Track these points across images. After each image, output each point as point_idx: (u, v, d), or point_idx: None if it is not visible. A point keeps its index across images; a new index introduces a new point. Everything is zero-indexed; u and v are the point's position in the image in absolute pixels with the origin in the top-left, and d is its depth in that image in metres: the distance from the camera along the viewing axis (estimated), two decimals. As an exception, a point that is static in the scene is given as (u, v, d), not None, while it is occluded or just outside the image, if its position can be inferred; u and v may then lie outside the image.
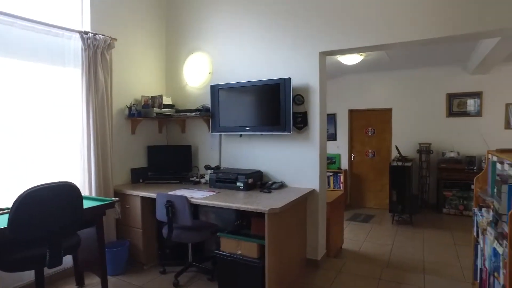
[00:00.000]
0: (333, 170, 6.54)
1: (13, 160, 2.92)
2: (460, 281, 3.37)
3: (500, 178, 2.18)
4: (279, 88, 3.42)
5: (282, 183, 3.56)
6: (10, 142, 2.90)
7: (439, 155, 6.05)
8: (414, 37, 3.04)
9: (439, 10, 2.94)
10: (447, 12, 2.92)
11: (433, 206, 6.17)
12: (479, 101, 5.87)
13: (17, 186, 2.88)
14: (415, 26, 3.02)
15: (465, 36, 2.95)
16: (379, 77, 6.56)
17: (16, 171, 2.94)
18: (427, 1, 2.98)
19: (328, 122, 6.85)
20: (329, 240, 3.79)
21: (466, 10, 2.85)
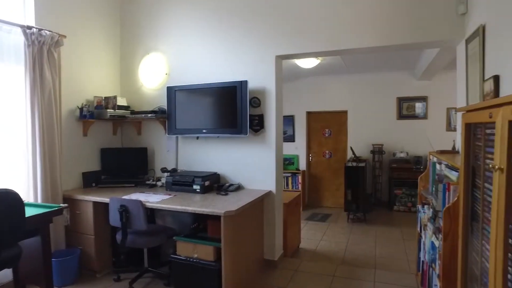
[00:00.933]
0: (291, 171, 6.68)
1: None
2: (407, 273, 3.59)
3: (438, 177, 2.36)
4: (235, 90, 3.44)
5: (239, 185, 3.59)
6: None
7: (391, 155, 6.39)
8: (364, 44, 3.21)
9: (387, 22, 3.13)
10: (393, 23, 3.11)
11: (385, 204, 6.51)
12: (425, 105, 6.29)
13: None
14: (366, 34, 3.19)
15: (409, 45, 3.17)
16: (335, 81, 6.80)
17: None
18: (377, 12, 3.16)
19: (286, 123, 7.06)
20: (286, 240, 3.87)
21: (409, 23, 3.07)
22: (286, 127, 7.08)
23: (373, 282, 3.32)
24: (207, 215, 2.85)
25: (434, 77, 6.03)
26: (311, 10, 3.36)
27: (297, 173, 6.64)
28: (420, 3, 3.03)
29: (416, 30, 3.06)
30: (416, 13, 3.05)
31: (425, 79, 6.15)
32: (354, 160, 5.76)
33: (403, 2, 3.08)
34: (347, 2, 3.24)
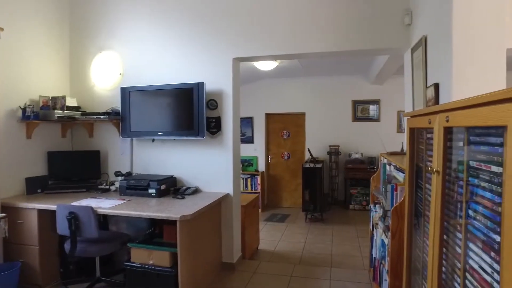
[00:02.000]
0: (250, 172, 6.71)
1: None
2: (361, 269, 3.75)
3: (387, 178, 2.48)
4: (192, 92, 3.39)
5: (196, 188, 3.53)
6: None
7: (346, 156, 6.64)
8: (320, 49, 3.30)
9: (341, 29, 3.25)
10: (347, 30, 3.24)
11: (342, 203, 6.74)
12: (378, 108, 6.61)
13: None
14: (322, 40, 3.29)
15: (361, 51, 3.32)
16: (293, 83, 6.93)
17: None
18: (332, 19, 3.26)
19: (245, 125, 7.08)
20: (245, 243, 3.88)
21: (361, 30, 3.21)
22: (245, 129, 7.10)
23: (329, 280, 3.41)
24: (163, 220, 2.77)
25: (386, 81, 6.35)
26: (269, 14, 3.40)
27: (256, 174, 6.68)
28: (371, 12, 3.18)
29: (367, 38, 3.21)
30: (368, 22, 3.19)
31: (377, 83, 6.46)
32: (312, 161, 5.91)
33: (356, 11, 3.22)
34: (304, 8, 3.32)
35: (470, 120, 0.99)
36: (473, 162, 1.07)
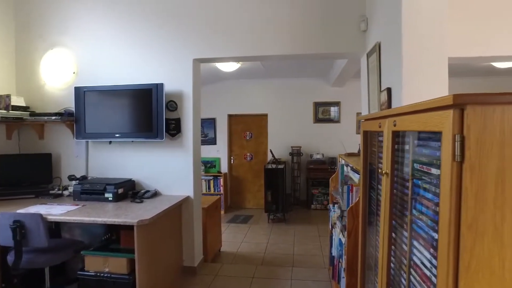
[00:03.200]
0: (213, 174, 6.66)
1: None
2: (321, 268, 3.84)
3: (344, 179, 2.56)
4: (151, 93, 3.29)
5: (155, 192, 3.44)
6: None
7: (308, 157, 6.78)
8: (281, 51, 3.35)
9: (302, 32, 3.32)
10: (307, 34, 3.31)
11: (304, 203, 6.87)
12: (338, 109, 6.82)
13: None
14: (282, 43, 3.33)
15: (320, 55, 3.40)
16: (256, 84, 6.97)
17: None
18: (293, 23, 3.32)
19: (207, 126, 7.02)
20: (206, 245, 3.83)
21: (321, 35, 3.30)
22: (207, 130, 7.04)
23: (290, 279, 3.46)
24: (120, 225, 2.67)
25: (345, 84, 6.57)
26: (230, 16, 3.39)
27: (219, 176, 6.64)
28: (330, 18, 3.28)
29: (326, 42, 3.30)
30: (326, 26, 3.28)
31: (337, 86, 6.67)
32: (274, 162, 5.97)
33: (315, 16, 3.30)
34: (265, 11, 3.35)
35: (413, 125, 1.04)
36: (417, 165, 1.14)
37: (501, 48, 2.93)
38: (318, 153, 6.67)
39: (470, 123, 0.76)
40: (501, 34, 2.90)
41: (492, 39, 2.90)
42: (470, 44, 2.91)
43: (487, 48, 2.93)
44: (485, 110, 0.76)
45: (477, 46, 2.91)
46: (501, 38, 2.90)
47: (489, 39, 2.91)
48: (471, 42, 2.90)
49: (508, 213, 0.77)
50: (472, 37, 2.89)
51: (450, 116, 0.78)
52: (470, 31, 2.88)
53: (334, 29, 3.28)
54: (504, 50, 2.94)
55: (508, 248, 0.78)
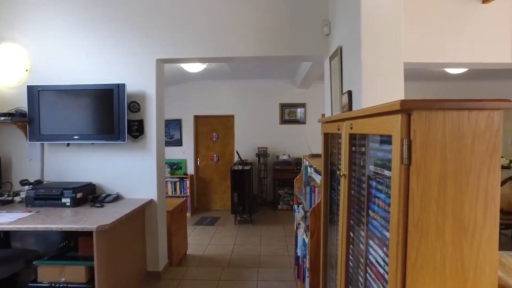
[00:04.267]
0: (179, 176, 6.55)
1: None
2: (287, 267, 3.88)
3: (307, 180, 2.61)
4: (112, 94, 3.18)
5: (117, 195, 3.32)
6: None
7: (275, 157, 6.84)
8: (246, 53, 3.35)
9: (267, 35, 3.34)
10: (272, 37, 3.33)
11: (270, 204, 6.93)
12: (304, 111, 6.94)
13: None
14: (247, 44, 3.33)
15: (285, 57, 3.44)
16: (222, 85, 6.94)
17: None
18: (258, 25, 3.33)
19: (173, 127, 6.90)
20: (171, 249, 3.76)
21: (286, 37, 3.34)
22: (173, 131, 6.91)
23: (256, 281, 3.47)
24: (78, 232, 2.55)
25: (311, 86, 6.70)
26: (195, 17, 3.35)
27: (185, 177, 6.54)
28: (294, 21, 3.32)
29: (291, 45, 3.34)
30: (291, 29, 3.33)
31: (303, 88, 6.79)
32: (240, 164, 5.97)
33: (280, 19, 3.33)
34: (231, 13, 3.34)
35: (367, 128, 1.08)
36: (372, 167, 1.18)
37: (454, 55, 3.12)
38: (284, 154, 6.75)
39: (416, 128, 0.80)
40: (454, 43, 3.08)
41: (445, 47, 3.08)
42: (426, 51, 3.06)
43: (441, 55, 3.10)
44: (429, 115, 0.80)
45: (432, 54, 3.08)
46: (454, 46, 3.09)
47: (443, 47, 3.08)
48: (427, 50, 3.06)
49: (449, 213, 0.82)
50: (428, 45, 3.04)
51: (398, 121, 0.82)
52: (426, 39, 3.04)
53: (299, 32, 3.33)
54: (456, 58, 3.13)
55: (449, 245, 0.83)
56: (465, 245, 0.83)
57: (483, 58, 3.16)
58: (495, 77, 6.52)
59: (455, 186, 0.82)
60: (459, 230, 0.83)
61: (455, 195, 0.82)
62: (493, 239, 0.83)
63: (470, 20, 3.10)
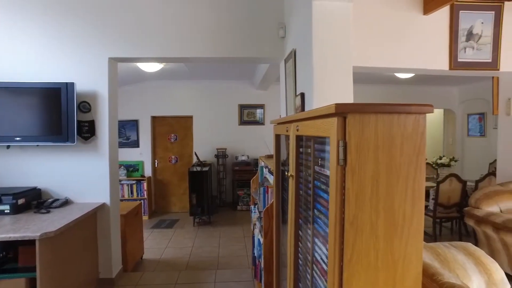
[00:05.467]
0: (136, 178, 6.35)
1: None
2: (245, 268, 3.91)
3: (262, 180, 2.65)
4: (60, 93, 3.01)
5: (66, 200, 3.15)
6: None
7: (234, 158, 6.85)
8: (202, 54, 3.32)
9: (223, 36, 3.34)
10: (229, 38, 3.34)
11: (230, 204, 6.92)
12: (263, 112, 7.02)
13: None
14: (204, 45, 3.31)
15: (242, 59, 3.47)
16: (181, 86, 6.83)
17: None
18: (215, 27, 3.31)
19: (130, 128, 6.68)
20: (126, 254, 3.63)
21: (242, 39, 3.36)
22: (129, 132, 6.69)
23: (213, 282, 3.45)
24: (19, 241, 2.38)
25: (269, 87, 6.79)
26: (150, 15, 3.26)
27: (142, 180, 6.36)
28: (252, 23, 3.35)
29: (247, 47, 3.36)
30: (248, 31, 3.35)
31: (262, 89, 6.86)
32: (199, 165, 5.91)
33: (237, 20, 3.34)
34: (187, 13, 3.29)
35: (310, 130, 1.12)
36: (317, 167, 1.22)
37: (400, 62, 3.32)
38: (243, 155, 6.78)
39: (351, 130, 0.85)
40: (401, 50, 3.28)
41: (393, 53, 3.27)
42: (376, 57, 3.22)
43: (389, 61, 3.28)
44: (363, 118, 0.85)
45: (382, 59, 3.25)
46: (400, 53, 3.28)
47: (391, 54, 3.26)
48: (377, 55, 3.22)
49: (381, 210, 0.88)
50: (378, 51, 3.21)
51: (335, 124, 0.86)
52: (376, 45, 3.19)
53: (255, 34, 3.37)
54: (402, 64, 3.33)
55: (381, 241, 0.88)
56: (395, 239, 0.89)
57: (425, 65, 3.39)
58: (440, 83, 7.02)
59: (386, 185, 0.88)
60: (390, 226, 0.89)
61: (386, 193, 0.88)
62: (419, 232, 0.90)
63: (413, 29, 3.31)
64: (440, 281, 1.31)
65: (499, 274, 1.94)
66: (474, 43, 3.47)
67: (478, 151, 7.09)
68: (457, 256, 2.09)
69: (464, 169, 7.40)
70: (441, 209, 4.47)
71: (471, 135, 7.34)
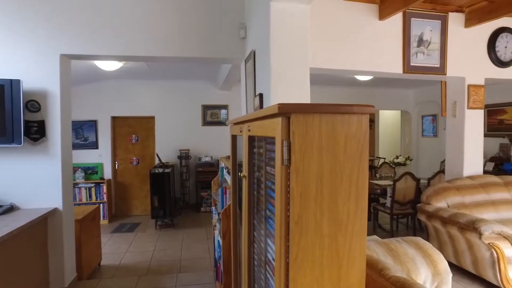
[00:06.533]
0: (95, 181, 6.09)
1: None
2: (208, 270, 3.86)
3: (221, 181, 2.63)
4: (3, 90, 2.81)
5: (11, 206, 2.94)
6: None
7: (197, 159, 6.76)
8: (161, 53, 3.25)
9: (183, 36, 3.29)
10: (189, 38, 3.29)
11: (193, 206, 6.82)
12: (227, 112, 6.99)
13: None
14: (163, 44, 3.23)
15: (202, 59, 3.42)
16: (142, 85, 6.63)
17: None
18: (174, 26, 3.25)
19: (88, 129, 6.39)
20: (81, 261, 3.46)
21: (203, 39, 3.32)
22: (87, 133, 6.40)
23: (174, 287, 3.38)
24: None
25: (232, 88, 6.77)
26: (106, 11, 3.13)
27: (102, 182, 6.10)
28: (212, 23, 3.32)
29: (208, 46, 3.33)
30: (209, 31, 3.32)
31: (225, 89, 6.83)
32: (161, 166, 5.77)
33: (199, 19, 3.30)
34: (146, 11, 3.20)
35: (260, 130, 1.12)
36: (268, 168, 1.23)
37: (359, 64, 3.44)
38: (207, 156, 6.71)
39: (295, 130, 0.86)
40: (359, 53, 3.40)
41: (351, 56, 3.38)
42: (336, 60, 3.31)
43: (348, 63, 3.39)
44: (307, 118, 0.86)
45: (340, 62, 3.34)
46: (358, 56, 3.40)
47: (349, 57, 3.37)
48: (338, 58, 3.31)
49: (325, 209, 0.89)
50: (337, 54, 3.30)
51: (279, 124, 0.87)
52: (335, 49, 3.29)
53: (216, 34, 3.34)
54: (361, 66, 3.45)
55: (326, 238, 0.90)
56: (339, 236, 0.91)
57: (381, 68, 3.54)
58: (397, 85, 7.36)
59: (330, 184, 0.89)
60: (335, 224, 0.91)
61: (330, 192, 0.90)
62: (362, 229, 0.93)
63: (370, 33, 3.45)
64: (387, 275, 1.36)
65: (443, 264, 2.07)
66: (424, 48, 3.67)
67: (431, 150, 7.51)
68: (407, 250, 2.20)
69: (419, 168, 7.81)
70: (398, 206, 4.68)
71: (425, 135, 7.77)
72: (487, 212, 3.55)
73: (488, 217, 3.43)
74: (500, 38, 3.95)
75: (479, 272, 3.15)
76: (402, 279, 1.31)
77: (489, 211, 3.57)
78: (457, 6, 3.71)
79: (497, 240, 2.92)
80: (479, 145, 4.00)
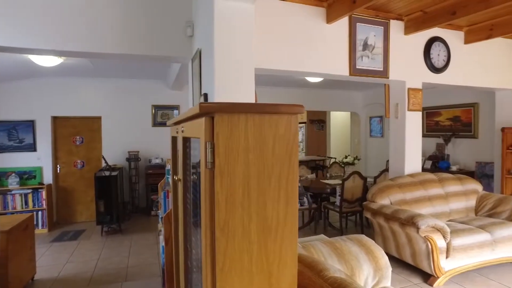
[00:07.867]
0: (32, 186, 5.61)
1: None
2: (156, 277, 3.70)
3: (165, 185, 2.52)
4: None
5: None
6: None
7: (147, 161, 6.49)
8: (99, 49, 3.04)
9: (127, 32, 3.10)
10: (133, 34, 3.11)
11: (144, 210, 6.54)
12: (178, 113, 6.79)
13: None
14: (103, 40, 3.03)
15: (147, 57, 3.27)
16: (87, 84, 6.23)
17: None
18: (117, 21, 3.06)
19: (24, 130, 5.88)
20: (7, 277, 3.13)
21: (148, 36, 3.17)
22: (23, 134, 5.88)
23: (118, 296, 3.20)
24: None
25: (184, 87, 6.59)
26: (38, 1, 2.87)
27: (41, 188, 5.63)
28: (158, 20, 3.18)
29: (154, 44, 3.18)
30: (155, 28, 3.17)
31: (177, 89, 6.63)
32: (107, 169, 5.47)
33: (146, 16, 3.13)
34: (86, 4, 2.98)
35: (190, 131, 1.06)
36: (202, 170, 1.17)
37: (308, 66, 3.49)
38: (157, 158, 6.47)
39: (219, 131, 0.80)
40: (307, 54, 3.44)
41: (299, 57, 3.41)
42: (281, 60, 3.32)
43: (295, 64, 3.42)
44: (232, 119, 0.82)
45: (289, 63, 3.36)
46: (307, 57, 3.45)
47: (298, 57, 3.40)
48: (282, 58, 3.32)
49: (253, 213, 0.85)
50: (282, 54, 3.31)
51: (203, 124, 0.81)
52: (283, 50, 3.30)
53: (162, 31, 3.20)
54: (309, 68, 3.50)
55: (254, 244, 0.86)
56: (269, 242, 0.88)
57: (329, 70, 3.63)
58: (346, 87, 7.64)
59: (258, 188, 0.86)
60: (264, 229, 0.87)
61: (258, 195, 0.86)
62: (293, 233, 0.90)
63: (318, 36, 3.51)
64: (325, 276, 1.36)
65: (384, 259, 2.14)
66: (369, 52, 3.82)
67: (378, 150, 7.89)
68: (351, 248, 2.25)
69: (367, 167, 8.17)
70: (346, 204, 4.83)
71: (373, 135, 8.15)
72: (425, 207, 3.78)
73: (426, 212, 3.65)
74: (434, 46, 4.24)
75: (417, 264, 3.34)
76: (339, 280, 1.31)
77: (426, 206, 3.80)
78: (397, 14, 3.91)
79: (431, 233, 3.12)
80: (418, 145, 4.26)
